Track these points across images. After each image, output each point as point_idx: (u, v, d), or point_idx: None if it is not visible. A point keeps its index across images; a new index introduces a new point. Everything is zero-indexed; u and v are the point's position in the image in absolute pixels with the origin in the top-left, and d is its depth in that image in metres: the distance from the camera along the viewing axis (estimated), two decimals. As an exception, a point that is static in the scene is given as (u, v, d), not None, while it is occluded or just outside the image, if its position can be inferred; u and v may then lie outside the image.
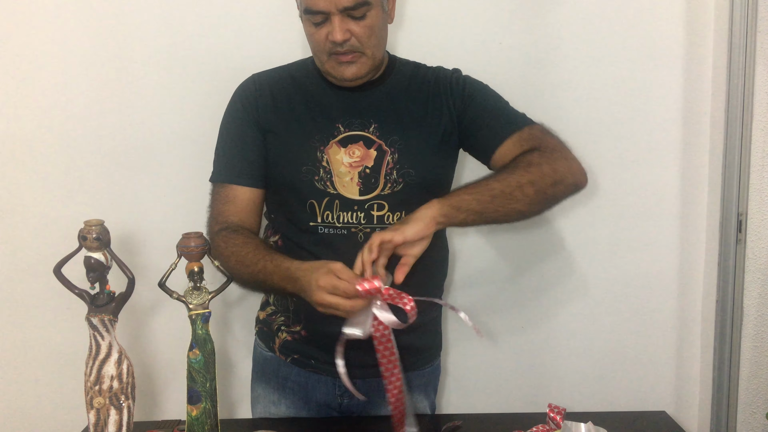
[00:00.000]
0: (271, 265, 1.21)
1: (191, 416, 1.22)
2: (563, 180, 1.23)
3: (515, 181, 1.19)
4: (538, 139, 1.27)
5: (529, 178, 1.19)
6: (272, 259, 1.22)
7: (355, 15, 1.21)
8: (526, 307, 1.77)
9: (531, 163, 1.21)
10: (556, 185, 1.22)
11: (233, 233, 1.28)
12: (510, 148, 1.28)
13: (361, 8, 1.20)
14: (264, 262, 1.22)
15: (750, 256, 1.64)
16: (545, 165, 1.21)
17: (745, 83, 1.56)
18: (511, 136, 1.29)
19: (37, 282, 1.67)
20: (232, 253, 1.26)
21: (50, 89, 1.62)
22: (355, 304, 1.10)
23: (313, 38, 1.25)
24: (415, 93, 1.36)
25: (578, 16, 1.65)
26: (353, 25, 1.22)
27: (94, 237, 1.14)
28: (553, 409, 1.24)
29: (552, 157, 1.23)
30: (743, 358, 1.67)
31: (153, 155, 1.65)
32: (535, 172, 1.20)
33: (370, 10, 1.22)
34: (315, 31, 1.24)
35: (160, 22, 1.61)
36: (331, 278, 1.10)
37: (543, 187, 1.20)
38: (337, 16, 1.20)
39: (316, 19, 1.22)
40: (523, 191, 1.19)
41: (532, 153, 1.24)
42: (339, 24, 1.20)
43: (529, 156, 1.23)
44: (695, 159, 1.71)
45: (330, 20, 1.21)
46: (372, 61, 1.28)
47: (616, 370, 1.79)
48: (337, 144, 1.30)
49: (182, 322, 1.25)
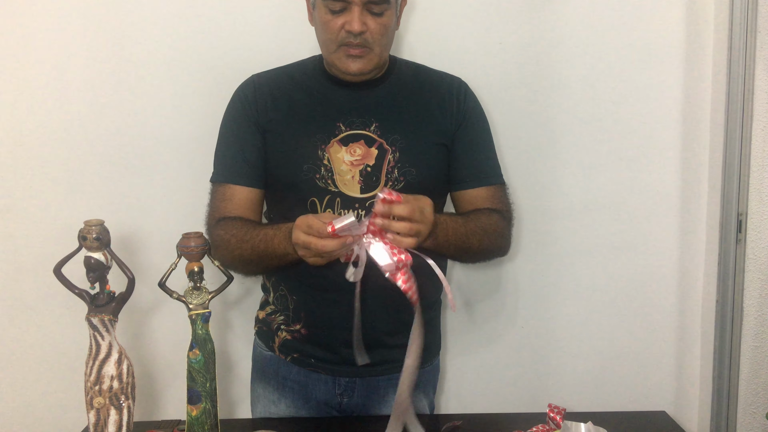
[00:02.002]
0: (271, 231, 1.23)
1: (191, 416, 1.22)
2: (498, 252, 1.40)
3: (486, 247, 1.33)
4: (505, 203, 1.40)
5: (492, 247, 1.35)
6: (272, 226, 1.25)
7: (375, 11, 1.24)
8: (526, 307, 1.77)
9: (501, 234, 1.36)
10: (492, 253, 1.38)
11: (232, 220, 1.29)
12: (481, 196, 1.38)
13: (382, 5, 1.24)
14: (265, 230, 1.24)
15: (750, 256, 1.64)
16: (505, 239, 1.38)
17: (745, 83, 1.56)
18: (486, 187, 1.39)
19: (37, 282, 1.67)
20: (233, 235, 1.26)
21: (50, 89, 1.62)
22: (326, 243, 1.08)
23: (328, 26, 1.26)
24: (417, 93, 1.37)
25: (578, 16, 1.65)
26: (370, 20, 1.24)
27: (94, 237, 1.14)
28: (553, 409, 1.24)
29: (507, 232, 1.38)
30: (743, 358, 1.67)
31: (153, 155, 1.66)
32: (497, 244, 1.36)
33: (388, 9, 1.26)
34: (331, 19, 1.25)
35: (160, 22, 1.61)
36: (309, 218, 1.11)
37: (491, 256, 1.39)
38: (359, 6, 1.22)
39: (335, 7, 1.24)
40: (480, 256, 1.36)
41: (501, 220, 1.36)
42: (359, 15, 1.23)
43: (500, 223, 1.35)
44: (695, 159, 1.71)
45: (349, 10, 1.23)
46: (378, 59, 1.29)
47: (616, 370, 1.79)
48: (338, 142, 1.30)
49: (182, 322, 1.25)
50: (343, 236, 1.08)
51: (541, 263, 1.75)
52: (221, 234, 1.28)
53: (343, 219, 1.07)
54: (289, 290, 1.37)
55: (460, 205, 1.40)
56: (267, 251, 1.23)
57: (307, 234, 1.10)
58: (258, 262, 1.27)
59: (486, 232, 1.31)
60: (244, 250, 1.25)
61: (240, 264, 1.28)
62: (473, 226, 1.29)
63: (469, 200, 1.38)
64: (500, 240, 1.36)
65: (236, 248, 1.25)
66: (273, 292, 1.41)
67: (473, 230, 1.29)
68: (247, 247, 1.24)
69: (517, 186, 1.64)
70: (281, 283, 1.39)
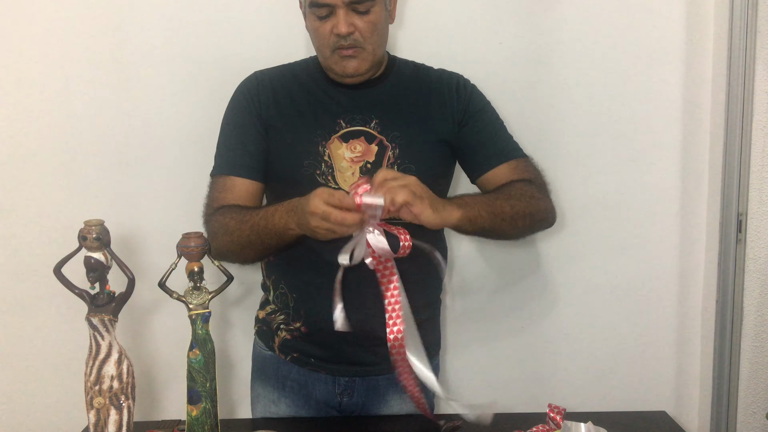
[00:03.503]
0: (272, 208, 1.22)
1: (191, 416, 1.22)
2: (547, 219, 1.35)
3: (521, 210, 1.26)
4: (531, 172, 1.36)
5: (530, 210, 1.28)
6: (273, 204, 1.25)
7: (360, 9, 1.24)
8: (525, 307, 1.77)
9: (532, 196, 1.29)
10: (542, 222, 1.34)
11: (231, 207, 1.29)
12: (504, 173, 1.35)
13: (365, 3, 1.24)
14: (266, 208, 1.25)
15: (750, 256, 1.64)
16: (541, 201, 1.31)
17: (745, 83, 1.57)
18: (507, 162, 1.36)
19: (37, 282, 1.67)
20: (231, 217, 1.26)
21: (50, 89, 1.62)
22: (346, 216, 1.07)
23: (318, 32, 1.27)
24: (417, 90, 1.38)
25: (578, 16, 1.65)
26: (357, 19, 1.24)
27: (94, 237, 1.14)
28: (553, 409, 1.24)
29: (545, 196, 1.34)
30: (743, 358, 1.67)
31: (153, 155, 1.65)
32: (534, 207, 1.29)
33: (374, 6, 1.25)
34: (320, 25, 1.25)
35: (160, 22, 1.61)
36: (329, 189, 1.10)
37: (535, 220, 1.32)
38: (343, 9, 1.23)
39: (321, 13, 1.24)
40: (523, 221, 1.28)
41: (529, 185, 1.31)
42: (344, 17, 1.23)
43: (527, 188, 1.30)
44: (695, 159, 1.71)
45: (335, 14, 1.23)
46: (372, 57, 1.29)
47: (616, 370, 1.79)
48: (338, 139, 1.31)
49: (182, 322, 1.25)
50: (362, 213, 1.07)
51: (541, 263, 1.75)
52: (220, 219, 1.27)
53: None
54: (289, 288, 1.37)
55: (486, 189, 1.36)
56: (267, 228, 1.21)
57: (327, 203, 1.08)
58: (256, 242, 1.24)
59: (518, 198, 1.27)
60: (243, 231, 1.23)
61: (238, 247, 1.26)
62: (502, 197, 1.26)
63: (493, 180, 1.35)
64: (538, 203, 1.30)
65: (235, 230, 1.24)
66: (273, 290, 1.41)
67: (503, 201, 1.25)
68: (246, 228, 1.23)
69: (517, 186, 1.63)
70: (281, 281, 1.39)
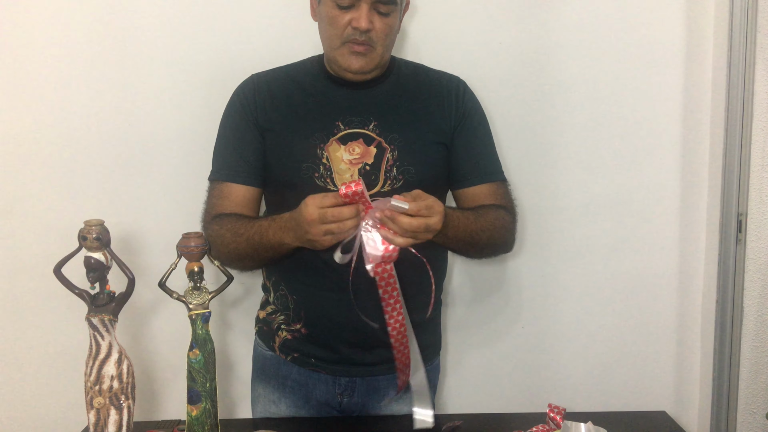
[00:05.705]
0: (266, 222, 1.25)
1: (191, 416, 1.22)
2: (504, 247, 1.40)
3: (494, 240, 1.33)
4: (507, 200, 1.41)
5: (501, 241, 1.36)
6: (267, 218, 1.27)
7: (382, 10, 1.25)
8: (525, 307, 1.77)
9: (508, 229, 1.36)
10: (498, 248, 1.39)
11: (227, 216, 1.30)
12: (483, 193, 1.38)
13: (389, 5, 1.26)
14: (259, 222, 1.26)
15: (750, 256, 1.64)
16: (510, 234, 1.38)
17: (745, 83, 1.56)
18: (489, 183, 1.39)
19: (37, 282, 1.67)
20: (228, 229, 1.27)
21: (50, 89, 1.62)
22: (343, 210, 1.12)
23: (334, 21, 1.26)
24: (415, 92, 1.38)
25: (578, 17, 1.65)
26: (377, 19, 1.25)
27: (94, 237, 1.14)
28: (553, 409, 1.24)
29: (512, 227, 1.38)
30: (743, 358, 1.67)
31: (153, 155, 1.65)
32: (504, 238, 1.37)
33: (394, 11, 1.27)
34: (338, 14, 1.25)
35: (160, 22, 1.61)
36: (318, 194, 1.15)
37: (497, 251, 1.40)
38: (367, 4, 1.24)
39: (343, 2, 1.24)
40: (490, 249, 1.37)
41: (507, 214, 1.37)
42: (367, 12, 1.24)
43: (506, 218, 1.36)
44: (695, 159, 1.71)
45: (357, 7, 1.24)
46: (380, 59, 1.30)
47: (616, 370, 1.79)
48: (337, 141, 1.31)
49: (182, 322, 1.25)
50: (354, 202, 1.12)
51: (541, 263, 1.75)
52: (216, 229, 1.28)
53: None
54: (289, 290, 1.37)
55: (462, 203, 1.40)
56: (262, 242, 1.24)
57: (321, 207, 1.12)
58: (253, 255, 1.28)
59: (494, 227, 1.32)
60: (239, 244, 1.25)
61: (235, 258, 1.29)
62: (482, 221, 1.30)
63: (472, 197, 1.38)
64: (507, 235, 1.37)
65: (231, 242, 1.26)
66: (273, 291, 1.41)
67: (482, 226, 1.29)
68: (242, 241, 1.25)
69: (518, 186, 1.63)
70: (281, 283, 1.39)
